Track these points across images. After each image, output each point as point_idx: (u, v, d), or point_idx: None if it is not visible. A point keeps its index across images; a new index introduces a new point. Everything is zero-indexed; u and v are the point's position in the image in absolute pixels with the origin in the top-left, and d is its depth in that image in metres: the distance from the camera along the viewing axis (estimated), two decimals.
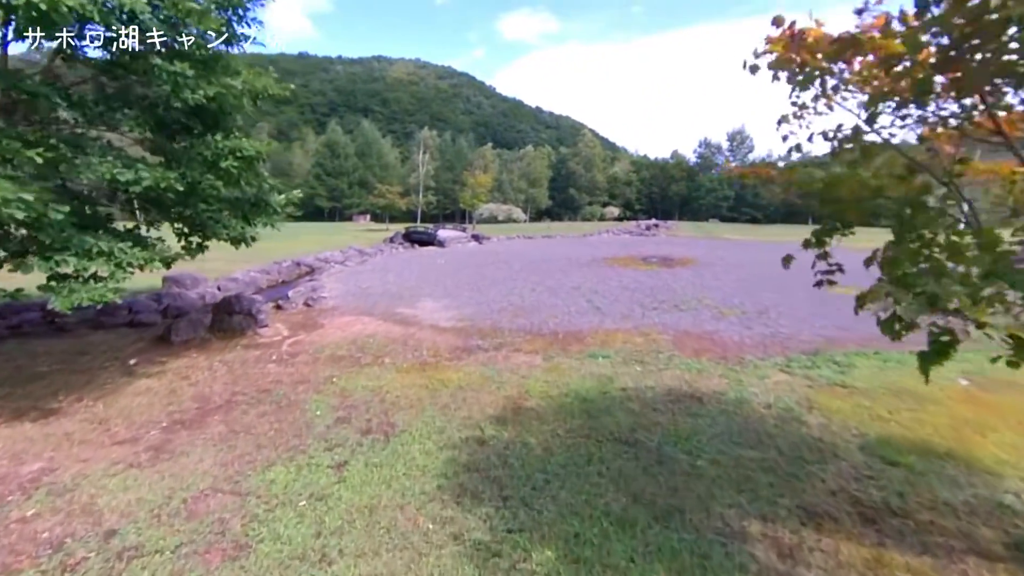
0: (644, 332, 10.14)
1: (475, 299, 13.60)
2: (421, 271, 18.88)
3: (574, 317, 11.41)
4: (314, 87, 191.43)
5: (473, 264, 20.32)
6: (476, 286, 15.43)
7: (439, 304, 13.19)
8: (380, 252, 26.47)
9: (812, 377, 7.62)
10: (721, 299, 13.08)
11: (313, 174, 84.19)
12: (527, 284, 15.53)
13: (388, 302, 13.60)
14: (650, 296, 13.47)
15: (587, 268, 18.68)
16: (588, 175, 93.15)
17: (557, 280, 16.12)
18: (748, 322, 10.89)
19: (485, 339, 9.95)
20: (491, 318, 11.54)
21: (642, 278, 16.17)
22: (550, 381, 7.57)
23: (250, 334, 10.76)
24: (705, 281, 15.62)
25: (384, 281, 16.95)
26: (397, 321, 11.54)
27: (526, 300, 13.27)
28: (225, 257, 25.71)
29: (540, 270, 18.35)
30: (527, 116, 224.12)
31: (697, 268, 18.22)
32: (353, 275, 18.57)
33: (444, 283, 16.15)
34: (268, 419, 6.60)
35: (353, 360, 8.92)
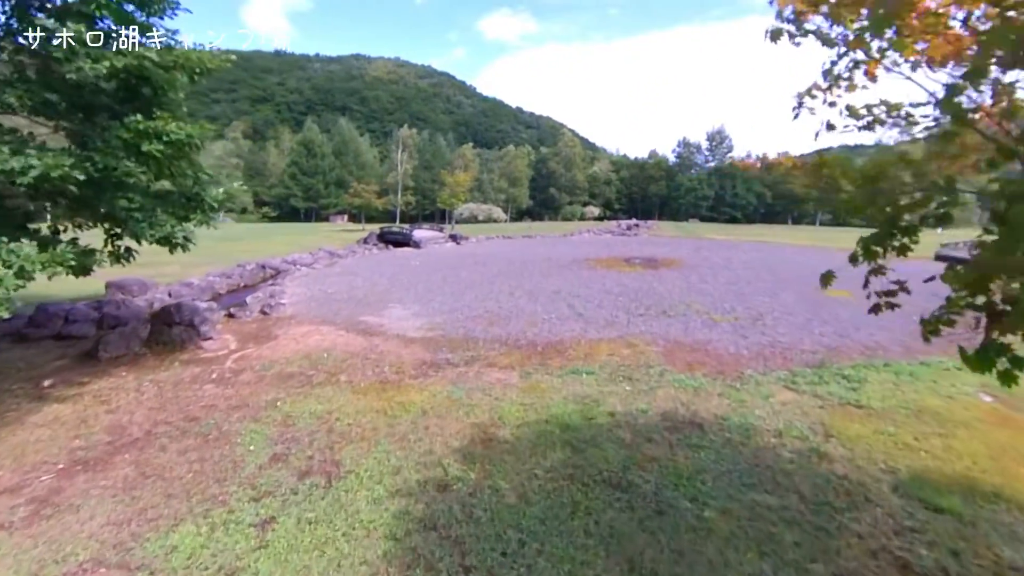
0: (631, 342, 9.23)
1: (448, 305, 12.55)
2: (392, 274, 17.75)
3: (555, 325, 10.45)
4: (291, 85, 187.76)
5: (448, 266, 19.24)
6: (450, 290, 14.39)
7: (408, 311, 12.11)
8: (352, 254, 25.21)
9: (822, 395, 6.77)
10: (711, 304, 12.26)
11: (288, 174, 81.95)
12: (505, 288, 14.54)
13: (353, 309, 12.47)
14: (635, 301, 12.59)
15: (568, 270, 17.76)
16: (568, 175, 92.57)
17: (536, 283, 15.16)
18: (743, 330, 10.05)
19: (456, 352, 8.92)
20: (464, 327, 10.51)
21: (626, 281, 15.31)
22: (527, 404, 6.58)
23: (192, 348, 9.55)
24: (692, 284, 14.82)
25: (351, 285, 15.79)
26: (360, 331, 10.44)
27: (503, 306, 12.28)
28: (185, 260, 24.22)
29: (519, 272, 17.38)
30: (507, 116, 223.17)
31: (682, 270, 17.45)
32: (320, 278, 17.36)
33: (416, 287, 15.07)
34: (189, 457, 5.49)
35: (304, 378, 7.81)
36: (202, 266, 21.26)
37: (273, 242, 33.15)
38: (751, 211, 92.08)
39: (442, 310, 12.04)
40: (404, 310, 12.20)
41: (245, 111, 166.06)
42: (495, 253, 23.29)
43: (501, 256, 21.92)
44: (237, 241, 34.55)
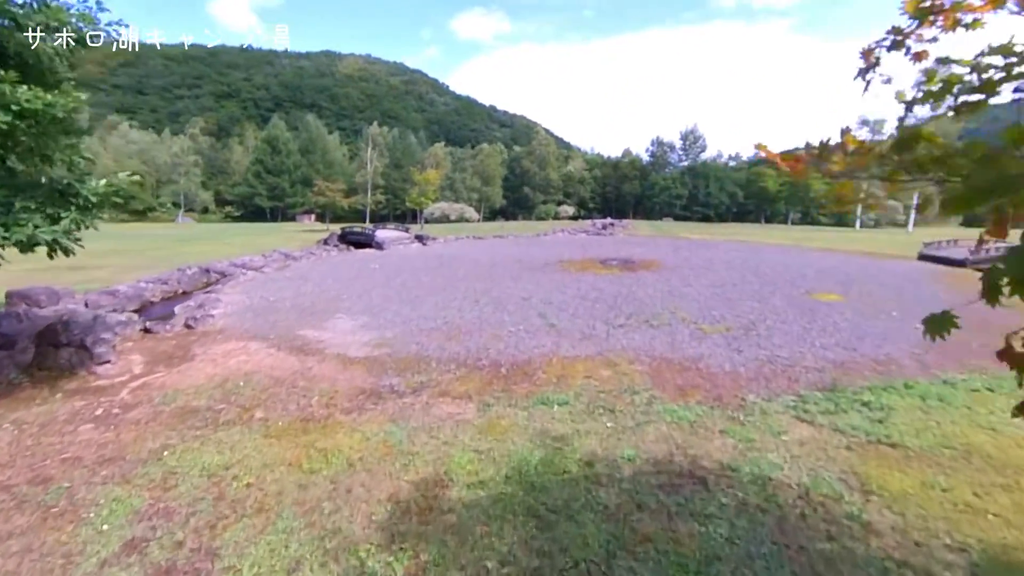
0: (611, 361, 7.91)
1: (403, 315, 11.05)
2: (347, 278, 16.12)
3: (523, 339, 9.07)
4: (257, 81, 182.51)
5: (410, 269, 17.69)
6: (408, 297, 12.88)
7: (356, 323, 10.57)
8: (309, 256, 23.40)
9: (843, 429, 5.54)
10: (697, 310, 11.06)
11: (252, 172, 78.66)
12: (470, 295, 13.10)
13: (294, 320, 10.87)
14: (614, 308, 11.31)
15: (540, 273, 16.42)
16: (542, 173, 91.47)
17: (505, 289, 13.76)
18: (736, 342, 8.85)
19: (404, 375, 7.46)
20: (418, 342, 9.04)
21: (603, 285, 14.05)
22: (483, 451, 5.17)
23: (83, 375, 7.86)
24: (675, 288, 13.65)
25: (299, 291, 14.13)
26: (294, 348, 8.87)
27: (465, 316, 10.84)
28: (121, 264, 22.10)
29: (487, 276, 15.96)
30: (481, 115, 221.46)
31: (662, 272, 16.30)
32: (266, 284, 15.62)
33: (370, 294, 13.51)
34: (8, 548, 3.93)
35: (209, 416, 6.25)
36: (141, 269, 19.29)
37: (228, 243, 30.99)
38: (723, 210, 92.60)
39: (395, 321, 10.53)
40: (351, 321, 10.66)
41: (209, 107, 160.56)
42: (463, 255, 21.81)
43: (469, 258, 20.45)
44: (189, 242, 32.28)
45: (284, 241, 32.16)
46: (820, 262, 18.98)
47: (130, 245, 30.46)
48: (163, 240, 33.43)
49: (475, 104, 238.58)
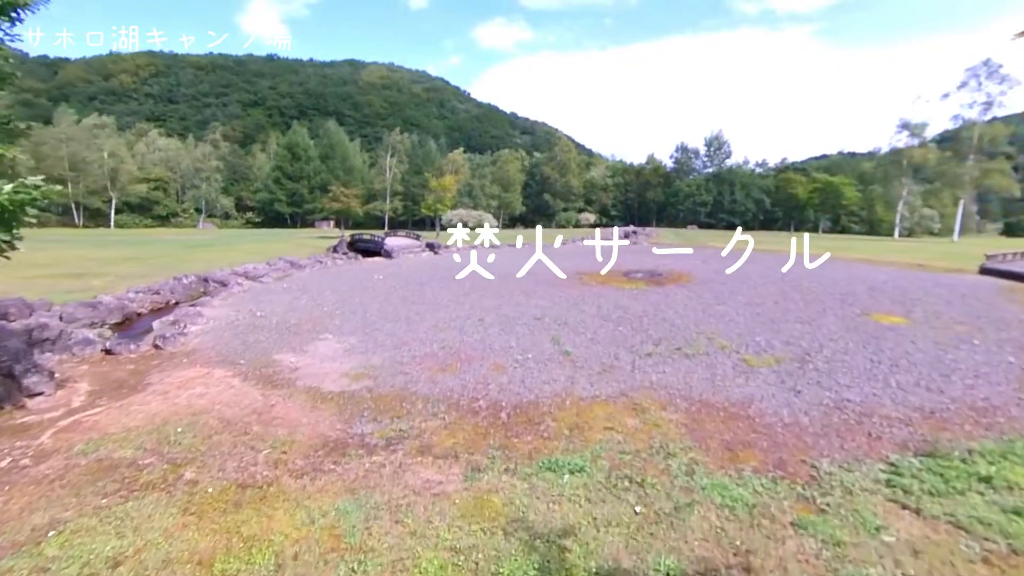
0: (638, 404, 6.39)
1: (397, 336, 9.70)
2: (347, 291, 14.87)
3: (531, 372, 7.61)
4: (283, 89, 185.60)
5: (416, 281, 16.38)
6: (407, 314, 11.54)
7: (342, 345, 9.25)
8: (316, 264, 22.35)
9: (967, 525, 3.94)
10: (738, 335, 9.45)
11: (272, 178, 78.91)
12: (475, 312, 11.69)
13: (274, 340, 9.60)
14: (640, 331, 9.77)
15: (556, 287, 14.92)
16: (563, 180, 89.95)
17: (516, 306, 12.31)
18: (791, 378, 7.25)
19: (381, 419, 6.08)
20: (406, 373, 7.66)
21: (627, 301, 12.50)
22: (463, 551, 3.73)
23: (8, 409, 6.66)
24: (708, 305, 12.02)
25: (291, 306, 12.91)
26: (263, 378, 7.57)
27: (467, 339, 9.43)
28: (124, 272, 21.31)
29: (497, 290, 14.54)
30: (502, 121, 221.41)
31: (693, 286, 14.66)
32: (260, 295, 14.47)
33: (367, 309, 12.21)
34: None
35: (128, 475, 4.95)
36: (140, 278, 18.42)
37: (238, 250, 30.20)
38: (750, 217, 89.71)
39: (386, 344, 9.18)
40: (338, 343, 9.34)
41: (236, 115, 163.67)
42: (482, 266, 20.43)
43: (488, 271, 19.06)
44: (200, 248, 31.64)
45: (295, 248, 31.30)
46: (869, 276, 17.08)
47: (142, 252, 29.95)
48: (175, 247, 32.90)
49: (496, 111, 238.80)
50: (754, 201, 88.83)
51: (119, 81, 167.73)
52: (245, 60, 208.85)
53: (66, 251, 28.57)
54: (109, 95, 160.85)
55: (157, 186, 71.85)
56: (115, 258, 25.38)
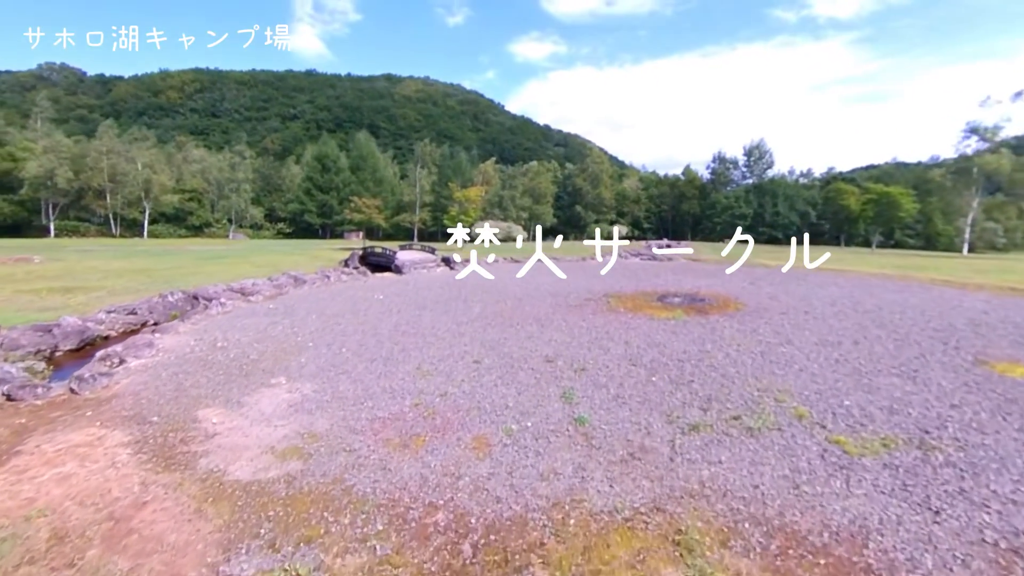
0: (683, 532, 4.03)
1: (364, 385, 7.58)
2: (335, 314, 12.93)
3: (525, 455, 5.34)
4: (320, 103, 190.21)
5: (417, 303, 14.31)
6: (389, 350, 9.43)
7: (292, 395, 7.20)
8: (320, 280, 20.66)
9: None
10: (817, 395, 6.94)
11: (303, 189, 79.26)
12: (474, 348, 9.50)
13: (213, 387, 7.64)
14: (681, 384, 7.37)
15: (578, 314, 12.60)
16: (595, 192, 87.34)
17: (526, 340, 10.06)
18: (917, 482, 4.74)
19: (282, 544, 3.92)
20: (352, 450, 5.51)
21: (662, 337, 10.09)
22: None
23: None
24: (768, 345, 9.50)
25: (264, 333, 11.03)
26: (162, 451, 5.56)
27: (452, 391, 7.23)
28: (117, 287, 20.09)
29: (508, 317, 12.32)
30: (535, 134, 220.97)
31: (744, 316, 12.10)
32: (237, 319, 12.69)
33: (346, 341, 10.18)
34: None
35: None
36: (133, 293, 17.07)
37: (250, 262, 28.98)
38: (793, 231, 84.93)
39: (347, 396, 7.07)
40: (287, 393, 7.29)
41: (275, 128, 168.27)
42: (489, 284, 18.30)
43: (495, 289, 16.89)
44: (215, 260, 30.63)
45: (309, 260, 29.91)
46: (962, 303, 14.09)
47: (157, 263, 29.08)
48: (192, 258, 32.03)
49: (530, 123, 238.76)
50: (798, 213, 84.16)
51: (166, 97, 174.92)
52: (285, 75, 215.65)
53: (83, 262, 27.87)
54: (157, 110, 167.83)
55: (192, 197, 72.95)
56: (124, 270, 24.38)
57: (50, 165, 54.78)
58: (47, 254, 31.58)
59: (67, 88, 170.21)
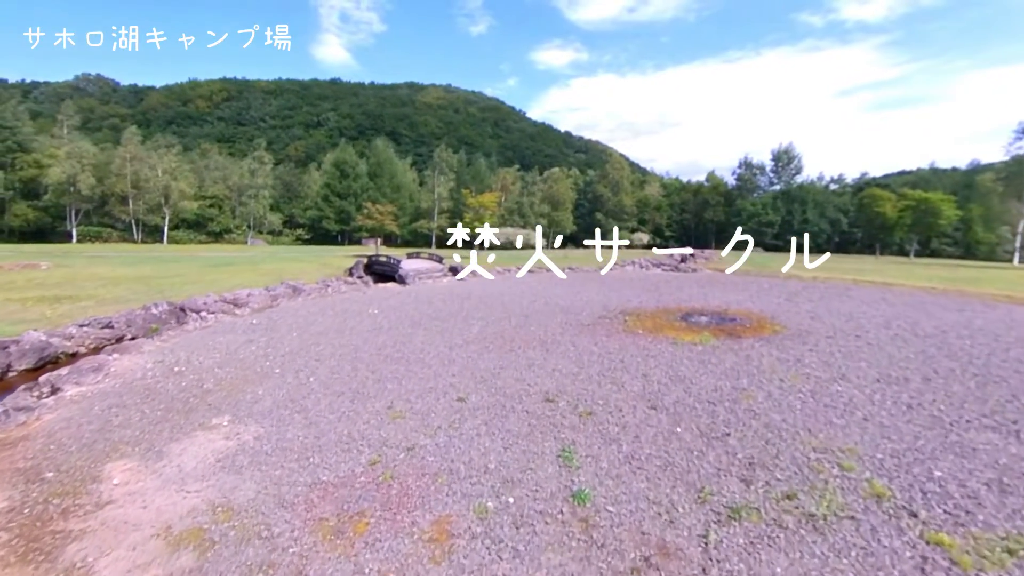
0: None
1: (317, 430, 6.20)
2: (318, 333, 11.63)
3: (498, 552, 3.88)
4: (343, 111, 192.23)
5: (411, 320, 12.91)
6: (362, 381, 8.04)
7: (229, 443, 5.85)
8: (320, 290, 19.53)
9: None
10: (896, 462, 5.28)
11: (321, 195, 79.19)
12: (463, 380, 8.06)
13: (145, 426, 6.35)
14: (715, 441, 5.80)
15: (589, 336, 11.06)
16: (615, 199, 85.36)
17: (524, 369, 8.58)
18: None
19: None
20: (268, 538, 4.10)
21: (688, 369, 8.49)
22: None
23: None
24: (819, 382, 7.83)
25: (233, 355, 9.78)
26: (28, 528, 4.25)
27: (422, 442, 5.79)
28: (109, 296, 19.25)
29: (508, 338, 10.84)
30: (556, 140, 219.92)
31: (785, 341, 10.40)
32: (211, 336, 11.50)
33: (319, 367, 8.84)
34: None
35: None
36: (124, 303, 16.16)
37: (257, 270, 28.13)
38: (824, 239, 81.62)
39: (291, 448, 5.70)
40: (223, 440, 5.94)
41: (299, 136, 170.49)
42: (495, 297, 16.86)
43: (500, 303, 15.43)
44: (222, 267, 29.89)
45: (317, 268, 28.95)
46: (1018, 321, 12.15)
47: (163, 270, 28.45)
48: (200, 265, 31.40)
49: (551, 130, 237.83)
50: (829, 221, 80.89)
51: (195, 106, 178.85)
52: (310, 84, 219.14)
53: (88, 269, 27.31)
54: (186, 119, 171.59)
55: (212, 203, 73.44)
56: (124, 278, 23.66)
57: (72, 171, 55.38)
58: (58, 260, 31.26)
59: (101, 98, 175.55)
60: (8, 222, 55.67)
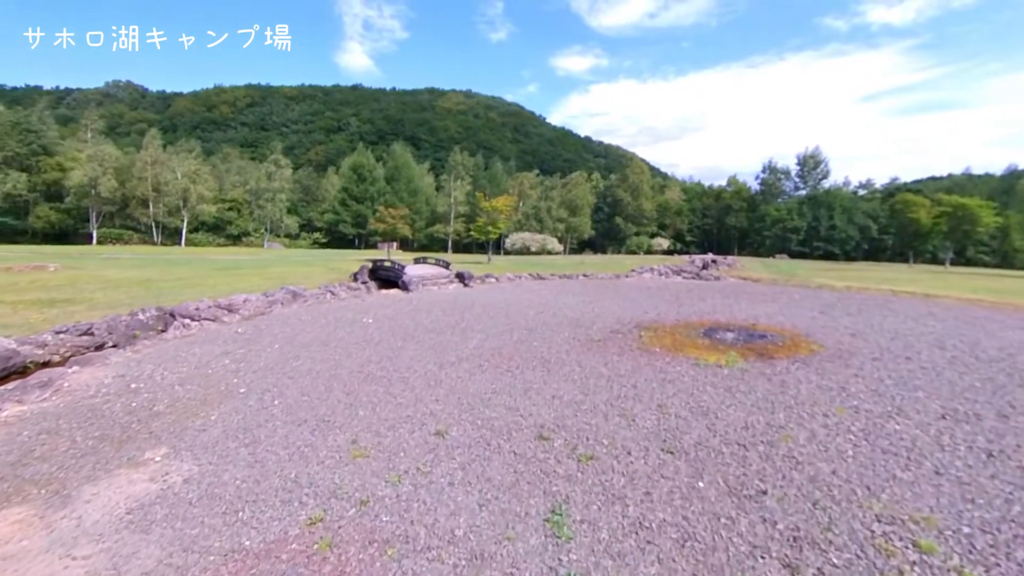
0: None
1: (260, 473, 5.16)
2: (302, 345, 10.67)
3: None
4: (364, 116, 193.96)
5: (405, 332, 11.86)
6: (331, 407, 6.99)
7: (152, 486, 4.85)
8: (320, 295, 18.69)
9: None
10: (990, 542, 4.02)
11: (338, 199, 79.29)
12: (444, 409, 6.95)
13: (72, 457, 5.40)
14: (748, 502, 4.60)
15: (599, 354, 9.87)
16: (635, 203, 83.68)
17: (520, 395, 7.45)
18: None
19: None
20: None
21: (713, 399, 7.27)
22: None
23: None
24: (870, 418, 6.56)
25: (200, 369, 8.86)
26: None
27: (380, 493, 4.70)
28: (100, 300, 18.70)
29: (507, 356, 9.72)
30: (575, 145, 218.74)
31: (824, 363, 9.08)
32: (187, 347, 10.64)
33: (289, 387, 7.85)
34: None
35: None
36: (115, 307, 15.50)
37: (262, 274, 27.50)
38: (852, 246, 78.78)
39: (222, 496, 4.66)
40: (146, 482, 4.94)
41: (320, 141, 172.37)
42: (500, 307, 15.74)
43: (505, 314, 14.31)
44: (228, 271, 29.38)
45: (324, 272, 28.22)
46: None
47: (169, 273, 28.04)
48: (208, 268, 30.97)
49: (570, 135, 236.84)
50: (857, 227, 78.05)
51: (220, 111, 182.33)
52: (331, 90, 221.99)
53: (94, 271, 26.95)
54: (210, 124, 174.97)
55: (231, 207, 73.93)
56: (127, 281, 23.18)
57: (93, 174, 56.08)
58: (70, 262, 31.13)
59: (131, 104, 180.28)
60: (32, 224, 56.60)
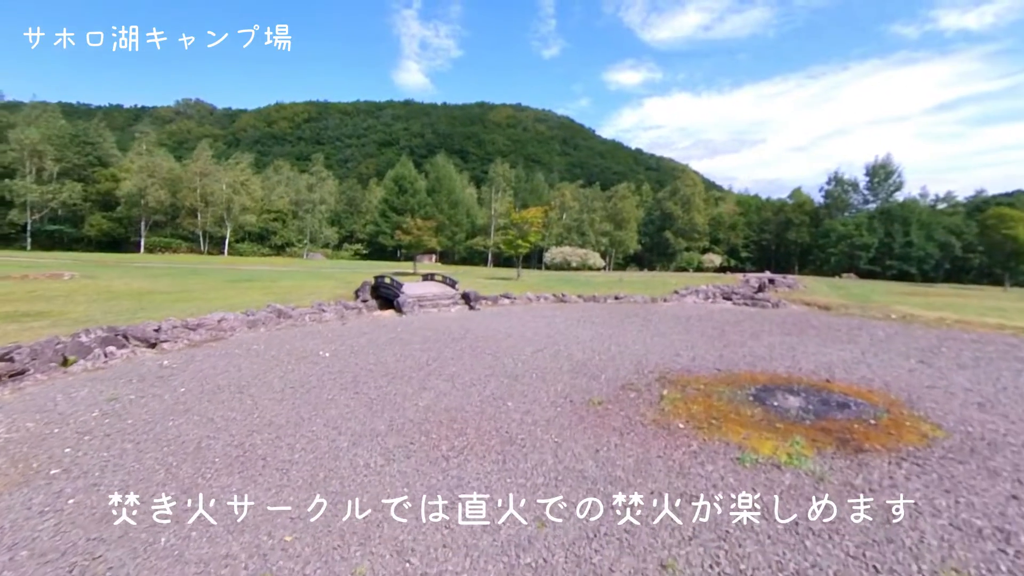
0: None
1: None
2: (214, 388, 8.22)
3: None
4: (414, 130, 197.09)
5: (352, 375, 9.11)
6: (121, 529, 4.41)
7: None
8: (303, 316, 16.52)
9: None
10: None
11: (379, 211, 78.97)
12: (299, 551, 4.23)
13: None
14: None
15: (592, 430, 6.79)
16: (686, 217, 78.79)
17: (429, 523, 4.65)
18: None
19: None
20: None
21: (772, 557, 4.21)
22: None
23: None
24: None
25: (53, 424, 6.54)
26: None
27: None
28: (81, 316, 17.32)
29: (458, 428, 6.89)
30: (625, 157, 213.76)
31: (947, 466, 5.71)
32: (84, 384, 8.46)
33: (116, 473, 5.35)
34: None
35: None
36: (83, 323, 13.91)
37: (271, 288, 25.89)
38: (931, 265, 70.79)
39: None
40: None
41: (371, 154, 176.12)
42: (493, 340, 12.76)
43: (493, 351, 11.37)
44: (243, 282, 28.10)
45: (336, 286, 26.33)
46: None
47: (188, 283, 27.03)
48: (222, 279, 29.86)
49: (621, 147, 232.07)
50: (937, 244, 70.11)
51: (279, 126, 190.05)
52: (384, 105, 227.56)
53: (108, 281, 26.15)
54: (270, 139, 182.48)
55: (276, 217, 74.99)
56: (127, 292, 22.03)
57: (143, 184, 57.67)
58: (92, 271, 30.83)
59: (199, 120, 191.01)
60: (86, 232, 58.81)
